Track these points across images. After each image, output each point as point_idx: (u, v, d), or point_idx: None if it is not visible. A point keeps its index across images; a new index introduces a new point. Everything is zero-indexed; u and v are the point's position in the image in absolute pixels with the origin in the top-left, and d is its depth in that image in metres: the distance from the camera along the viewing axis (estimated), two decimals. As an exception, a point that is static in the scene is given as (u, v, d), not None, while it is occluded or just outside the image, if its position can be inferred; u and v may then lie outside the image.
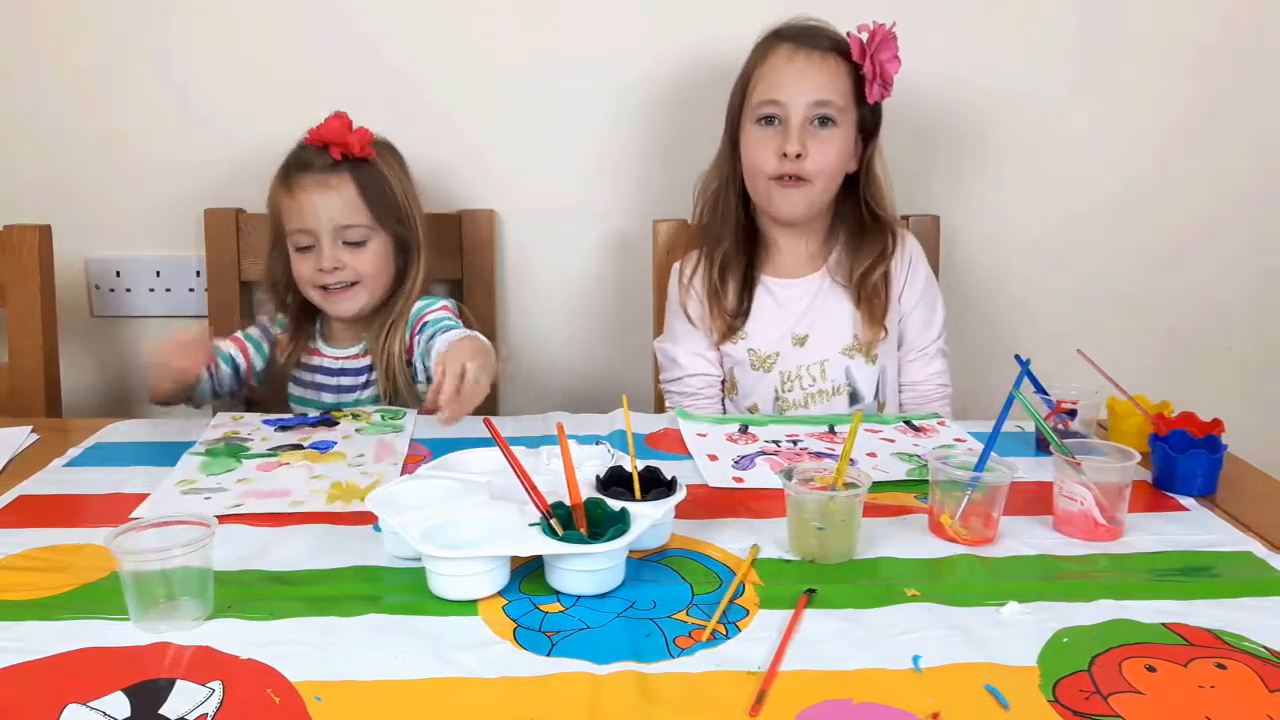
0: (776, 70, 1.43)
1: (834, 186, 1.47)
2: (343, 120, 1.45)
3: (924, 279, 1.53)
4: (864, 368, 1.49)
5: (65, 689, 0.73)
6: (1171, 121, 1.75)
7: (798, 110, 1.41)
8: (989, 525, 0.98)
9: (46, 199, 1.70)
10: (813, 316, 1.50)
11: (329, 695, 0.73)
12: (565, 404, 1.77)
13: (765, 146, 1.43)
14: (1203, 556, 0.95)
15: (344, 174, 1.44)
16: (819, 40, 1.43)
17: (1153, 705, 0.72)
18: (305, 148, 1.47)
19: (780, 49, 1.44)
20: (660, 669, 0.76)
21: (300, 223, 1.44)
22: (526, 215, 1.77)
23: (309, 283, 1.46)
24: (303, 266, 1.46)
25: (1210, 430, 1.14)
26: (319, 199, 1.43)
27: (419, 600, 0.86)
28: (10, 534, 0.98)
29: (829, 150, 1.42)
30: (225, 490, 1.09)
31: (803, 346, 1.49)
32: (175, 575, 0.82)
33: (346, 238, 1.44)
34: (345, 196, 1.44)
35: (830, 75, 1.42)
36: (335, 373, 1.52)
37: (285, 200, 1.45)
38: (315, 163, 1.44)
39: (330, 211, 1.43)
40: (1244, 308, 1.83)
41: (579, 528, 0.88)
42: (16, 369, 1.57)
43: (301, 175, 1.44)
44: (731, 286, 1.51)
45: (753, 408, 1.51)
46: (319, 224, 1.43)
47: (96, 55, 1.68)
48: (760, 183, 1.45)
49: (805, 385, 1.48)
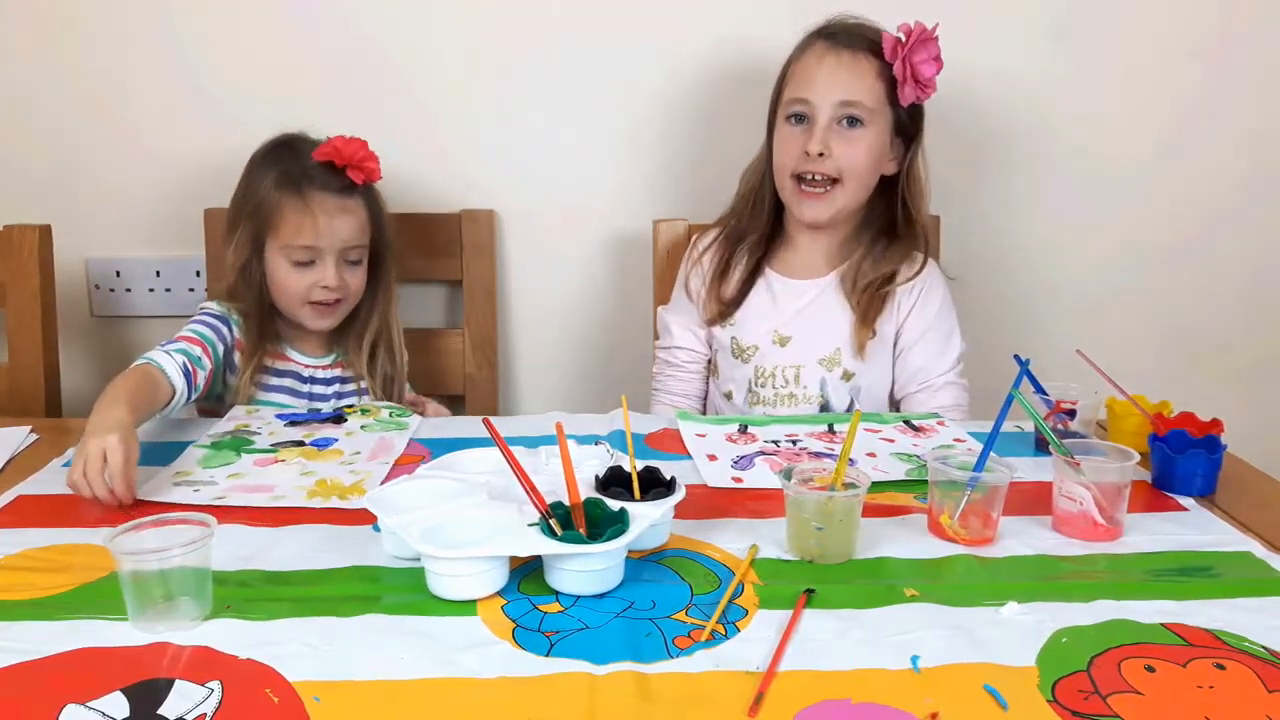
0: (808, 69, 1.42)
1: (866, 188, 1.44)
2: (363, 145, 1.43)
3: (937, 307, 1.49)
4: (839, 384, 1.47)
5: (64, 689, 0.73)
6: (1171, 121, 1.74)
7: (824, 109, 1.39)
8: (988, 525, 0.98)
9: (46, 199, 1.71)
10: (802, 321, 1.48)
11: (328, 695, 0.73)
12: (564, 404, 1.78)
13: (791, 144, 1.42)
14: (1202, 557, 0.95)
15: (359, 198, 1.45)
16: (855, 40, 1.41)
17: (1152, 705, 0.72)
18: (307, 154, 1.43)
19: (814, 47, 1.43)
20: (659, 669, 0.76)
21: (313, 239, 1.41)
22: (526, 215, 1.77)
23: (301, 298, 1.43)
24: (298, 281, 1.42)
25: (1209, 430, 1.14)
26: (339, 221, 1.42)
27: (418, 600, 0.86)
28: (9, 534, 0.98)
29: (856, 149, 1.40)
30: (215, 484, 1.10)
31: (783, 347, 1.48)
32: (174, 575, 0.82)
33: (348, 258, 1.45)
34: (359, 220, 1.45)
35: (860, 76, 1.40)
36: (306, 379, 1.50)
37: (294, 213, 1.41)
38: (332, 183, 1.42)
39: (344, 233, 1.42)
40: (1243, 308, 1.82)
41: (578, 528, 0.88)
42: (16, 369, 1.57)
43: (319, 192, 1.41)
44: (737, 274, 1.51)
45: (728, 394, 1.52)
46: (330, 244, 1.42)
47: (97, 55, 1.68)
48: (786, 181, 1.44)
49: (778, 385, 1.48)
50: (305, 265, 1.42)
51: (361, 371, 1.50)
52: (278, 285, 1.44)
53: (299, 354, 1.50)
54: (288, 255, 1.42)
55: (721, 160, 1.73)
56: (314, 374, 1.50)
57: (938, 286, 1.50)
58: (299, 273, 1.42)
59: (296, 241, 1.41)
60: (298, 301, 1.44)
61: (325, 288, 1.42)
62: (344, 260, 1.44)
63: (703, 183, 1.75)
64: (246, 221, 1.44)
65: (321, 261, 1.42)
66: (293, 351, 1.50)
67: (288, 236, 1.41)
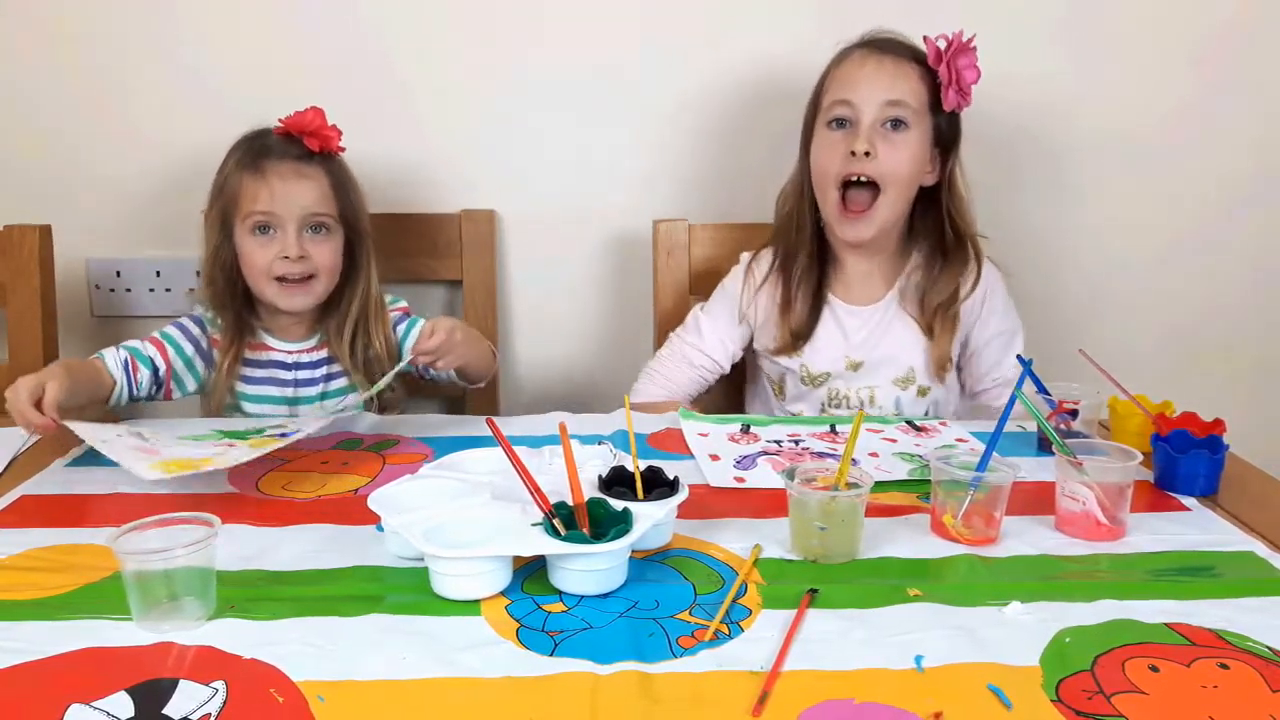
0: (849, 73, 1.40)
1: (907, 198, 1.42)
2: (320, 113, 1.43)
3: (1001, 309, 1.48)
4: (914, 399, 1.47)
5: (68, 689, 0.73)
6: (1173, 121, 1.75)
7: (869, 110, 1.37)
8: (991, 525, 0.98)
9: (46, 199, 1.70)
10: (871, 345, 1.47)
11: (332, 695, 0.73)
12: (567, 404, 1.77)
13: (834, 149, 1.39)
14: (1204, 556, 0.96)
15: (317, 166, 1.43)
16: (894, 47, 1.40)
17: (1156, 705, 0.72)
18: (270, 134, 1.43)
19: (854, 54, 1.41)
20: (663, 669, 0.76)
21: (269, 205, 1.39)
22: (526, 215, 1.76)
23: (265, 272, 1.40)
24: (261, 254, 1.40)
25: (1212, 430, 1.14)
26: (294, 186, 1.40)
27: (421, 600, 0.86)
28: (12, 534, 0.99)
29: (901, 153, 1.38)
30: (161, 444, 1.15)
31: (855, 372, 1.48)
32: (178, 575, 0.82)
33: (310, 226, 1.41)
34: (319, 187, 1.42)
35: (903, 78, 1.38)
36: (291, 366, 1.48)
37: (251, 182, 1.40)
38: (289, 151, 1.41)
39: (302, 199, 1.40)
40: (1246, 307, 1.83)
41: (581, 527, 0.88)
42: (17, 369, 1.56)
43: (275, 160, 1.40)
44: (799, 305, 1.48)
45: (798, 413, 1.50)
46: (288, 210, 1.39)
47: (97, 55, 1.68)
48: (829, 193, 1.41)
49: (851, 406, 1.47)
50: (266, 236, 1.40)
51: (343, 356, 1.47)
52: (245, 262, 1.42)
53: (279, 341, 1.48)
54: (250, 226, 1.40)
55: (722, 160, 1.74)
56: (298, 360, 1.48)
57: (998, 290, 1.49)
58: (261, 244, 1.40)
59: (254, 208, 1.39)
60: (264, 277, 1.41)
61: (286, 258, 1.39)
62: (306, 229, 1.41)
63: (703, 183, 1.75)
64: (215, 206, 1.43)
65: (282, 230, 1.39)
66: (272, 340, 1.48)
67: (246, 206, 1.40)
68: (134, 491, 1.08)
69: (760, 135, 1.69)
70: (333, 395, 1.49)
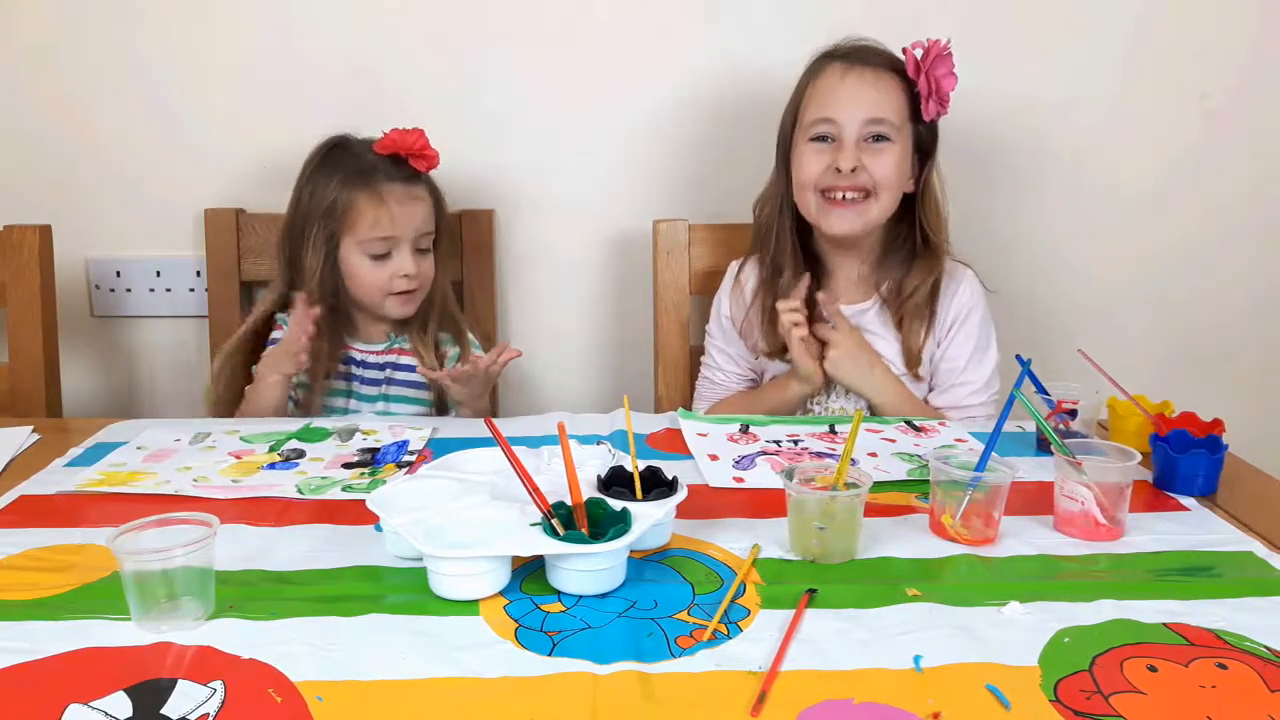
0: (829, 89, 1.40)
1: (896, 203, 1.42)
2: (421, 134, 1.48)
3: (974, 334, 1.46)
4: None
5: (67, 689, 0.73)
6: (1174, 125, 1.75)
7: (851, 128, 1.37)
8: (990, 525, 0.98)
9: (46, 199, 1.71)
10: None
11: (330, 695, 0.73)
12: (566, 404, 1.78)
13: (816, 161, 1.40)
14: (1203, 556, 0.96)
15: (423, 186, 1.51)
16: (872, 57, 1.40)
17: (1154, 705, 0.72)
18: (361, 147, 1.48)
19: (832, 67, 1.41)
20: (661, 669, 0.76)
21: (389, 230, 1.45)
22: (526, 215, 1.77)
23: (382, 289, 1.47)
24: (378, 273, 1.47)
25: (1211, 430, 1.14)
26: (410, 209, 1.47)
27: (420, 600, 0.86)
28: (11, 534, 0.98)
29: (886, 163, 1.38)
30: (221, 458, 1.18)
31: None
32: (176, 575, 0.81)
33: (419, 245, 1.49)
34: (427, 207, 1.50)
35: (884, 92, 1.38)
36: (358, 364, 1.54)
37: (370, 206, 1.44)
38: (398, 173, 1.47)
39: (415, 220, 1.48)
40: (1245, 307, 1.83)
41: (580, 527, 0.88)
42: (16, 369, 1.57)
43: (387, 182, 1.46)
44: None
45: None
46: (405, 232, 1.46)
47: (97, 55, 1.68)
48: (810, 197, 1.41)
49: (831, 402, 1.48)
50: (382, 257, 1.46)
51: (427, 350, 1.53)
52: (357, 280, 1.48)
53: (358, 343, 1.55)
54: (365, 249, 1.46)
55: (722, 160, 1.74)
56: (365, 359, 1.54)
57: (975, 314, 1.46)
58: (378, 265, 1.47)
59: (374, 234, 1.45)
60: (380, 294, 1.48)
61: (405, 276, 1.47)
62: (416, 248, 1.49)
63: (702, 183, 1.75)
64: (319, 224, 1.46)
65: (398, 251, 1.47)
66: (352, 340, 1.55)
67: (365, 231, 1.45)
68: (133, 491, 1.08)
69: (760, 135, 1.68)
70: (393, 400, 1.54)
